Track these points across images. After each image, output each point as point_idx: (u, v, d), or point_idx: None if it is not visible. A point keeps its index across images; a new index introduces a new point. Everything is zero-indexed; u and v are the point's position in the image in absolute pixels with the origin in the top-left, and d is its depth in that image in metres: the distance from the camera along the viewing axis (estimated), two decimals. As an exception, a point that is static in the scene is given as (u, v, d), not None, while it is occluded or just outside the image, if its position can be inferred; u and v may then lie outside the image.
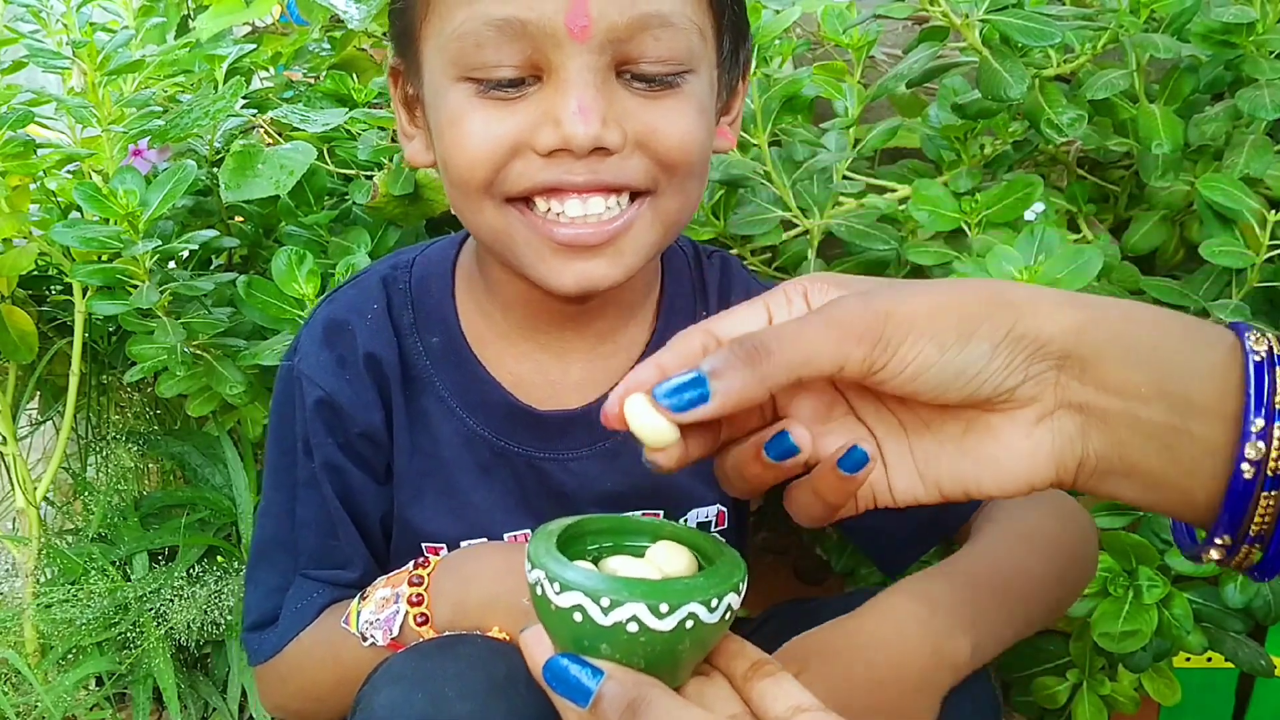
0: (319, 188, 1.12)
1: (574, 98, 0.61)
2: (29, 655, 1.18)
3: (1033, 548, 0.70)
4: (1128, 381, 0.43)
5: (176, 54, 1.12)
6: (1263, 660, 0.95)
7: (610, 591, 0.44)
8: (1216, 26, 0.97)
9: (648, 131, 0.64)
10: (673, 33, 0.63)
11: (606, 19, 0.61)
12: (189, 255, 1.18)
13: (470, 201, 0.67)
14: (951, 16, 0.97)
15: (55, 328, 1.22)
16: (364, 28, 1.25)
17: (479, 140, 0.64)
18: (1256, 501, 0.42)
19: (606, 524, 0.53)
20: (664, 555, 0.50)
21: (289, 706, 0.79)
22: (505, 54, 0.62)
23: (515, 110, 0.64)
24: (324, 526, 0.77)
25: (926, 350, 0.43)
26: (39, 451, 1.32)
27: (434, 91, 0.67)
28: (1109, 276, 1.03)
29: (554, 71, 0.62)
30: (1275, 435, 0.41)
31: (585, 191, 0.64)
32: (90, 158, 1.09)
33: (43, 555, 1.20)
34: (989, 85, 0.96)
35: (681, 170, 0.66)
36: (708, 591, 0.45)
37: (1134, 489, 0.45)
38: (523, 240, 0.67)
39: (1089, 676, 1.01)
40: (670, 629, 0.44)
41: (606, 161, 0.63)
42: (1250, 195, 0.94)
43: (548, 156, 0.63)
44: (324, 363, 0.76)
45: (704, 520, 0.82)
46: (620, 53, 0.62)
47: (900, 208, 1.09)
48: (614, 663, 0.45)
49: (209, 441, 1.27)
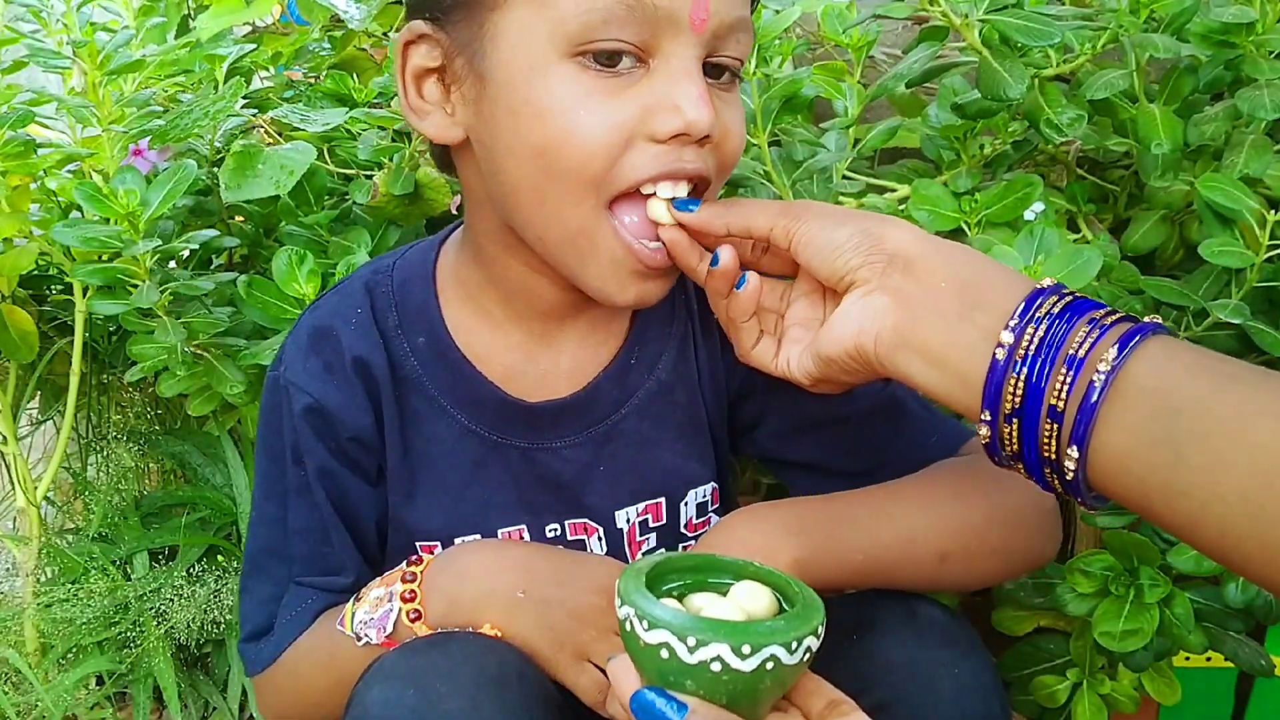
0: (319, 187, 1.12)
1: (695, 85, 0.63)
2: (29, 654, 1.18)
3: (894, 492, 0.74)
4: (934, 275, 0.58)
5: (177, 54, 1.12)
6: (1262, 660, 0.95)
7: (696, 631, 0.47)
8: (1216, 26, 0.97)
9: (724, 132, 0.67)
10: (749, 36, 0.67)
11: (719, 16, 0.64)
12: (189, 255, 1.18)
13: (569, 194, 0.65)
14: (951, 16, 0.97)
15: (56, 327, 1.22)
16: (364, 27, 1.25)
17: (596, 129, 0.63)
18: (1006, 380, 0.53)
19: (692, 561, 0.56)
20: (747, 594, 0.53)
21: (288, 714, 0.79)
22: (627, 31, 0.62)
23: (624, 97, 0.63)
24: (316, 533, 0.77)
25: (815, 226, 0.63)
26: (39, 451, 1.32)
27: (524, 66, 0.64)
28: (1108, 276, 1.03)
29: (666, 57, 0.63)
30: (1027, 331, 0.53)
31: (688, 178, 0.66)
32: (91, 157, 1.09)
33: (43, 554, 1.20)
34: (989, 85, 0.97)
35: (729, 172, 0.70)
36: (788, 634, 0.48)
37: (921, 364, 0.57)
38: (606, 254, 0.66)
39: (1089, 675, 1.01)
40: (752, 669, 0.47)
41: (703, 151, 0.66)
42: (1250, 195, 0.94)
43: (664, 143, 0.64)
44: (311, 369, 0.76)
45: (701, 500, 0.82)
46: (713, 46, 0.65)
47: (900, 207, 1.09)
48: (698, 698, 0.48)
49: (209, 441, 1.27)
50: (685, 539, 0.82)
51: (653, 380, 0.80)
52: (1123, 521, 0.94)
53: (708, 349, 0.81)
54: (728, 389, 0.83)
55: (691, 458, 0.81)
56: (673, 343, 0.81)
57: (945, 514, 0.73)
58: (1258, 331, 0.97)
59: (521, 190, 0.67)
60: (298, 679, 0.77)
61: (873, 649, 0.69)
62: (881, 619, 0.71)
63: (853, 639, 0.70)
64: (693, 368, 0.81)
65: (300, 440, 0.76)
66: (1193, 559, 0.87)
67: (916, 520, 0.72)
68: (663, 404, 0.80)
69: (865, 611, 0.72)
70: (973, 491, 0.74)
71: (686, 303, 0.82)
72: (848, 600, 0.68)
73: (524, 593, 0.69)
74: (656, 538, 0.81)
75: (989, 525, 0.73)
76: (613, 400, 0.78)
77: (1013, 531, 0.74)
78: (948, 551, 0.72)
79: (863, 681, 0.68)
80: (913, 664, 0.68)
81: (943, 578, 0.73)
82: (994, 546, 0.74)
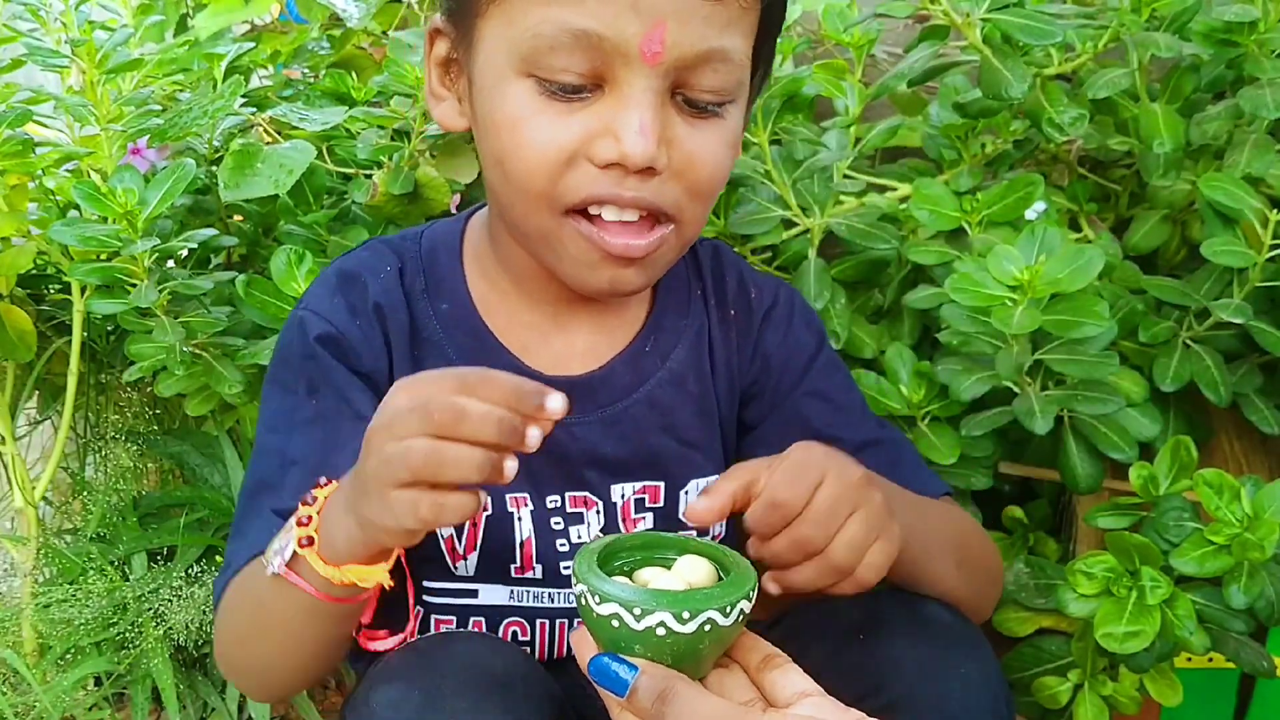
0: (318, 186, 1.12)
1: (636, 116, 0.63)
2: (27, 655, 1.17)
3: (918, 499, 0.77)
4: None
5: (175, 52, 1.12)
6: (1264, 661, 0.95)
7: (641, 602, 0.53)
8: (1218, 25, 0.96)
9: (686, 161, 0.67)
10: (729, 67, 0.66)
11: (678, 49, 0.63)
12: (188, 254, 1.17)
13: (525, 202, 0.68)
14: (952, 15, 0.97)
15: (54, 327, 1.22)
16: (363, 26, 1.25)
17: (539, 147, 0.65)
18: None
19: (639, 540, 0.62)
20: (688, 567, 0.59)
21: (225, 656, 0.74)
22: (575, 61, 0.63)
23: (574, 117, 0.65)
24: (313, 464, 0.71)
25: None
26: (37, 451, 1.32)
27: (491, 76, 0.67)
28: (1110, 276, 1.03)
29: (618, 86, 0.64)
30: None
31: (629, 207, 0.67)
32: (89, 156, 1.09)
33: (41, 555, 1.19)
34: (990, 84, 0.96)
35: (706, 199, 0.70)
36: (723, 599, 0.54)
37: None
38: (573, 248, 0.69)
39: (1090, 677, 1.00)
40: (692, 631, 0.53)
41: (650, 182, 0.66)
42: (1252, 194, 0.94)
43: (602, 169, 0.65)
44: (335, 307, 0.76)
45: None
46: (680, 79, 0.65)
47: (901, 207, 1.09)
48: (646, 660, 0.54)
49: (208, 441, 1.27)
50: (683, 526, 0.81)
51: (666, 369, 0.80)
52: (1125, 523, 0.94)
53: (724, 343, 0.82)
54: (740, 385, 0.83)
55: (698, 448, 0.81)
56: (688, 334, 0.82)
57: (959, 527, 0.80)
58: (1259, 331, 0.96)
59: (496, 193, 0.72)
60: (229, 612, 0.72)
61: (880, 648, 0.70)
62: (889, 619, 0.71)
63: (860, 638, 0.71)
64: (706, 360, 0.82)
65: (319, 365, 0.75)
66: (1195, 560, 0.87)
67: (939, 523, 0.76)
68: (674, 392, 0.80)
69: (873, 611, 0.72)
70: (965, 518, 0.83)
71: (704, 296, 0.83)
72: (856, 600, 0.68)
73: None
74: (653, 519, 0.81)
75: (984, 552, 0.82)
76: (625, 384, 0.79)
77: (997, 572, 0.83)
78: (962, 560, 0.76)
79: (870, 681, 0.68)
80: (920, 664, 0.68)
81: (954, 585, 0.75)
82: (990, 571, 0.82)
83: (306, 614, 0.65)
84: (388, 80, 1.09)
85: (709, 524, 0.63)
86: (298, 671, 0.71)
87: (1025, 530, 1.14)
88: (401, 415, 0.55)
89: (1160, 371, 0.99)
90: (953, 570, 0.75)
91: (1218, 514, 0.87)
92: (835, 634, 0.72)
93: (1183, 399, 1.03)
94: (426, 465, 0.54)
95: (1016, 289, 0.89)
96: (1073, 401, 0.95)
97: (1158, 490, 0.92)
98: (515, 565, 0.78)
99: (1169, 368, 0.99)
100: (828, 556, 0.61)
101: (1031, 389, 0.96)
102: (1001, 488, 1.13)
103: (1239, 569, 0.87)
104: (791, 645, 0.65)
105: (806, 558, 0.62)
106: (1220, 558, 0.87)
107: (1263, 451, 1.09)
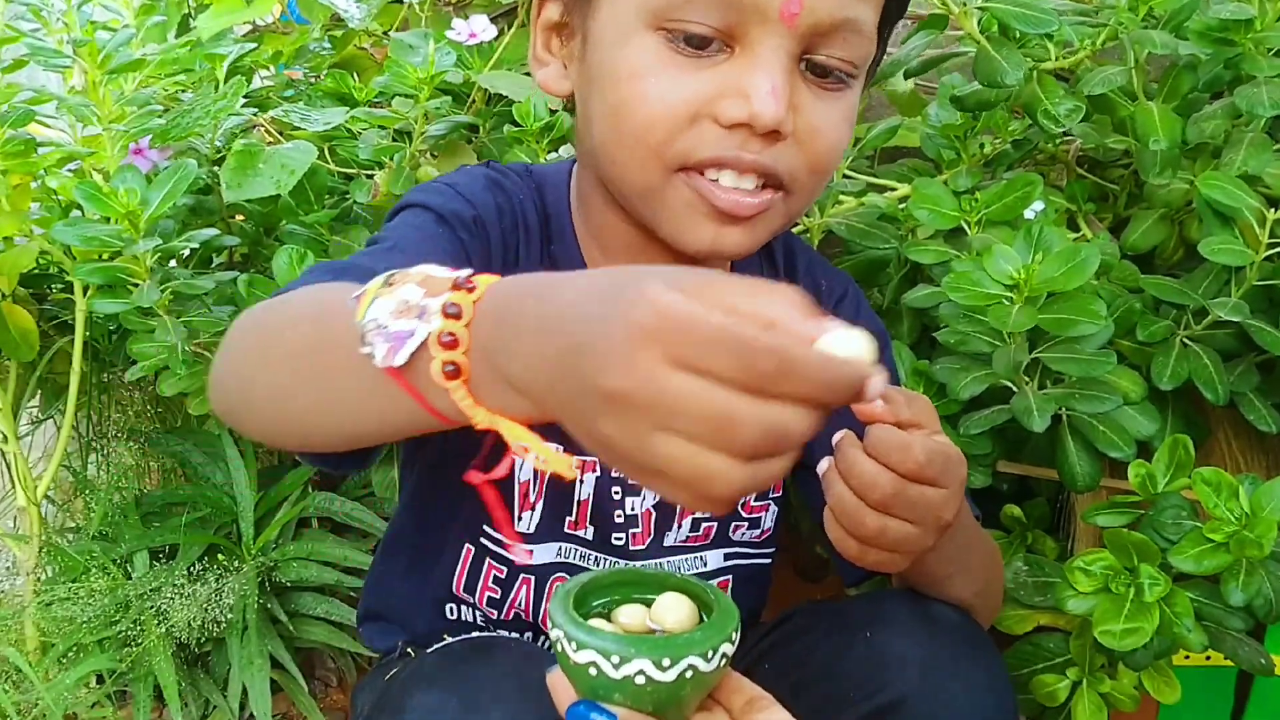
0: (320, 187, 1.13)
1: (769, 77, 0.62)
2: (30, 653, 1.18)
3: (979, 538, 0.79)
4: None
5: (177, 53, 1.13)
6: (1262, 659, 0.95)
7: (619, 650, 0.51)
8: (1215, 24, 0.97)
9: (810, 131, 0.65)
10: (860, 39, 0.65)
11: (815, 14, 0.62)
12: (190, 254, 1.18)
13: (636, 158, 0.66)
14: (949, 4, 0.97)
15: (56, 326, 1.22)
16: (365, 26, 1.25)
17: (663, 100, 0.63)
18: None
19: (618, 577, 0.59)
20: (669, 606, 0.56)
21: (221, 373, 0.62)
22: (710, 15, 0.62)
23: (702, 74, 0.63)
24: (396, 261, 0.58)
25: None
26: (40, 450, 1.32)
27: (615, 30, 0.65)
28: (1108, 275, 1.03)
29: (750, 46, 0.62)
30: None
31: (749, 171, 0.65)
32: (91, 156, 1.09)
33: (43, 553, 1.20)
34: (986, 72, 0.97)
35: (823, 173, 0.68)
36: (704, 645, 0.51)
37: None
38: (680, 202, 0.66)
39: (1089, 674, 1.01)
40: (673, 679, 0.51)
41: (773, 148, 0.64)
42: (1249, 193, 0.94)
43: (727, 129, 0.63)
44: (485, 201, 0.73)
45: None
46: (811, 44, 0.64)
47: (900, 206, 1.09)
48: (626, 708, 0.52)
49: (210, 440, 1.28)
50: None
51: None
52: (1123, 521, 0.94)
53: None
54: None
55: None
56: None
57: (994, 559, 0.80)
58: (1257, 330, 0.97)
59: (600, 148, 0.68)
60: (260, 329, 0.59)
61: (886, 646, 0.70)
62: (895, 617, 0.72)
63: (866, 636, 0.71)
64: None
65: (463, 223, 0.70)
66: (1193, 558, 0.87)
67: (980, 552, 0.77)
68: None
69: (879, 609, 0.72)
70: (995, 548, 0.82)
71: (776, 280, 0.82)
72: (862, 598, 0.68)
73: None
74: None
75: (999, 578, 0.81)
76: None
77: (1000, 595, 0.84)
78: (981, 591, 0.77)
79: (876, 678, 0.68)
80: (925, 662, 0.68)
81: (968, 602, 0.76)
82: (998, 595, 0.82)
83: (382, 397, 0.49)
84: (389, 81, 1.10)
85: (874, 399, 0.39)
86: (317, 431, 0.56)
87: (1023, 528, 1.14)
88: (701, 345, 0.37)
89: (1158, 370, 0.99)
90: (969, 595, 0.76)
91: (1216, 512, 0.87)
92: (842, 631, 0.73)
93: (1180, 397, 1.03)
94: (762, 437, 0.38)
95: (1013, 288, 0.89)
96: (1070, 400, 0.96)
97: (1156, 488, 0.93)
98: (570, 519, 0.78)
99: (1167, 366, 0.99)
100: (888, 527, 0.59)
101: (1029, 387, 0.96)
102: (1000, 486, 1.13)
103: (1237, 567, 0.87)
104: (798, 641, 0.65)
105: (885, 512, 0.59)
106: (1218, 555, 0.87)
107: (1260, 449, 1.09)
